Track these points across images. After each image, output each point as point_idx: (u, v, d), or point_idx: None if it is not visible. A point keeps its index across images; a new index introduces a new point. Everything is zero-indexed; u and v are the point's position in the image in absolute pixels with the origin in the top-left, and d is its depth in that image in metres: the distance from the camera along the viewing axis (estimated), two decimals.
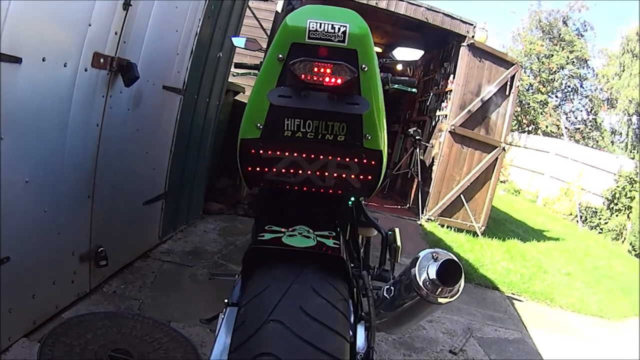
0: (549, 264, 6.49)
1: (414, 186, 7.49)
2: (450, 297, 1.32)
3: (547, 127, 20.69)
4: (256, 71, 3.05)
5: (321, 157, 1.39)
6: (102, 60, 2.32)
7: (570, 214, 13.18)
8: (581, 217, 12.36)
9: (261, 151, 1.39)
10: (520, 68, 7.24)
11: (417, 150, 7.40)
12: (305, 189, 1.50)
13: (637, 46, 23.73)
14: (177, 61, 3.24)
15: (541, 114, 20.96)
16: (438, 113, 7.61)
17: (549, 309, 4.84)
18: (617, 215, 11.82)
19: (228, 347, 1.12)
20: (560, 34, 22.88)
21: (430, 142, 7.53)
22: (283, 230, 1.36)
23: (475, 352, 3.20)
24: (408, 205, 7.74)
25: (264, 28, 5.02)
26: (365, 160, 1.40)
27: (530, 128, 18.97)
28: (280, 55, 1.25)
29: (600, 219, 12.16)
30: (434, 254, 1.34)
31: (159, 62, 3.00)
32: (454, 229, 6.89)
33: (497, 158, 7.07)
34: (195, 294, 3.09)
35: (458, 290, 1.33)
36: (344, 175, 1.44)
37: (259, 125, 1.33)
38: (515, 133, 18.26)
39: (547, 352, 3.60)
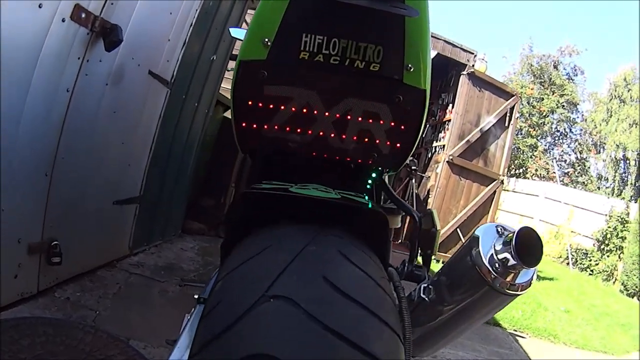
0: (547, 302, 6.35)
1: (408, 219, 7.14)
2: (525, 288, 0.98)
3: (536, 170, 20.73)
4: None
5: (346, 105, 1.05)
6: (83, 16, 1.99)
7: (560, 257, 13.16)
8: (572, 258, 12.36)
9: (265, 90, 1.04)
10: (519, 99, 7.20)
11: (413, 181, 7.15)
12: (314, 154, 1.14)
13: (624, 92, 24.51)
14: (167, 48, 2.92)
15: (531, 157, 20.97)
16: (434, 144, 7.44)
17: (553, 345, 4.67)
18: (607, 256, 11.88)
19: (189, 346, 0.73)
20: (551, 78, 23.25)
21: (426, 173, 7.29)
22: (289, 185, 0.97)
23: None
24: (400, 239, 7.37)
25: None
26: (401, 113, 1.05)
27: (519, 172, 18.90)
28: None
29: (590, 260, 12.19)
30: (498, 228, 1.00)
31: (148, 42, 2.68)
32: None
33: (495, 191, 6.90)
34: (163, 311, 2.65)
35: (535, 277, 0.99)
36: (373, 140, 1.08)
37: (266, 40, 1.00)
38: (504, 177, 18.16)
39: None
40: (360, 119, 1.07)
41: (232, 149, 1.28)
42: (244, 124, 1.09)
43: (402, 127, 1.09)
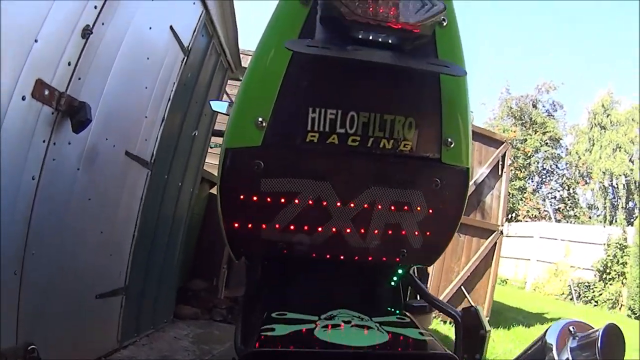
0: None
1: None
2: None
3: (528, 211, 20.56)
4: None
5: (366, 188, 0.83)
6: (46, 93, 1.79)
7: (563, 294, 13.11)
8: (575, 293, 12.38)
9: (261, 182, 0.82)
10: (510, 146, 7.07)
11: None
12: (328, 256, 0.91)
13: (604, 118, 24.80)
14: (144, 126, 2.73)
15: (521, 200, 20.83)
16: None
17: None
18: (610, 285, 11.88)
19: None
20: (531, 118, 23.42)
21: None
22: (310, 319, 0.76)
23: None
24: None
25: None
26: (438, 196, 0.85)
27: (511, 216, 18.69)
28: None
29: (594, 291, 12.18)
30: (570, 328, 0.86)
31: (123, 120, 2.48)
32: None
33: (495, 243, 6.66)
34: None
35: None
36: (399, 233, 0.88)
37: (260, 121, 0.78)
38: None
39: None
40: (386, 210, 0.85)
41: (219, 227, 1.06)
42: (235, 225, 0.88)
43: (440, 215, 0.89)
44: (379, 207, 0.85)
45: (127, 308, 2.85)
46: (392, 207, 0.85)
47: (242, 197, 0.85)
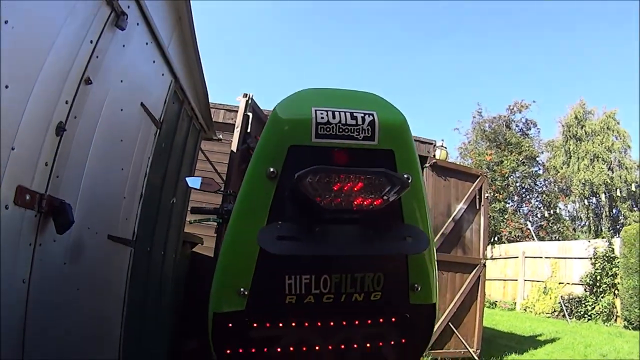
0: None
1: None
2: None
3: (510, 232, 20.50)
4: (215, 217, 2.60)
5: (343, 325, 0.93)
6: (28, 197, 1.79)
7: (554, 311, 12.95)
8: (567, 309, 12.13)
9: (248, 327, 0.93)
10: (486, 178, 7.16)
11: None
12: None
13: (578, 130, 25.18)
14: (124, 206, 2.73)
15: (502, 221, 20.79)
16: None
17: None
18: (602, 297, 11.68)
19: None
20: (506, 139, 23.52)
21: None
22: None
23: None
24: None
25: (219, 172, 4.67)
26: (410, 322, 0.95)
27: (494, 238, 18.72)
28: (272, 169, 0.81)
29: (586, 306, 11.94)
30: None
31: (103, 205, 2.49)
32: None
33: (479, 276, 6.68)
34: None
35: None
36: (376, 344, 0.97)
37: (242, 290, 0.87)
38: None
39: None
40: (361, 345, 0.95)
41: (205, 283, 1.11)
42: (228, 352, 0.97)
43: (414, 340, 0.98)
44: (355, 342, 0.94)
45: None
46: (367, 341, 0.94)
47: (233, 350, 0.93)
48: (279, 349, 0.92)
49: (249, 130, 4.73)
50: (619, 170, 24.95)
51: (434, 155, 6.79)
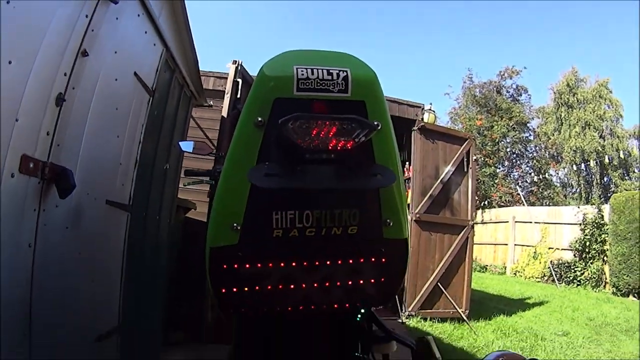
0: (543, 330, 6.30)
1: None
2: None
3: (500, 197, 20.74)
4: (208, 178, 2.70)
5: (326, 262, 1.04)
6: (32, 166, 1.88)
7: (544, 276, 13.13)
8: (556, 274, 12.33)
9: (241, 265, 1.02)
10: (473, 141, 7.27)
11: None
12: (301, 307, 1.12)
13: (570, 97, 25.25)
14: (120, 172, 2.83)
15: (493, 186, 21.01)
16: None
17: None
18: (591, 263, 11.81)
19: None
20: (496, 104, 23.66)
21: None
22: None
23: None
24: None
25: (210, 138, 4.75)
26: (384, 257, 1.07)
27: (484, 203, 18.97)
28: (260, 118, 0.92)
29: (575, 271, 12.10)
30: (500, 359, 1.07)
31: (100, 172, 2.58)
32: (438, 320, 6.45)
33: (467, 237, 6.85)
34: None
35: None
36: (358, 282, 1.10)
37: (235, 226, 0.97)
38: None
39: None
40: (343, 275, 1.07)
41: (202, 248, 1.25)
42: (223, 290, 1.07)
43: (386, 275, 1.11)
44: (337, 274, 1.06)
45: (123, 345, 2.94)
46: (348, 272, 1.06)
47: (226, 277, 1.03)
48: (269, 287, 1.03)
49: (238, 96, 4.80)
50: (610, 138, 25.10)
51: (422, 119, 6.84)
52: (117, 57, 2.52)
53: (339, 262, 1.05)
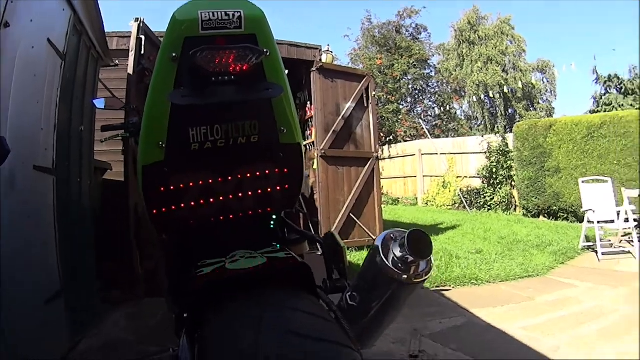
0: (457, 250, 6.69)
1: (302, 221, 7.40)
2: (427, 274, 1.23)
3: (405, 132, 21.41)
4: (123, 132, 2.81)
5: (237, 175, 1.27)
6: None
7: (455, 203, 13.73)
8: (466, 201, 12.90)
9: (169, 178, 1.22)
10: (372, 79, 7.58)
11: None
12: (222, 218, 1.33)
13: (471, 34, 26.26)
14: (42, 137, 2.89)
15: (397, 122, 21.60)
16: (304, 143, 7.69)
17: (477, 288, 4.95)
18: (500, 189, 12.41)
19: None
20: (396, 43, 24.12)
21: (305, 172, 7.55)
22: (221, 260, 1.19)
23: (434, 349, 3.19)
24: None
25: (119, 98, 4.72)
26: (284, 162, 1.31)
27: (390, 138, 19.66)
28: (174, 54, 1.13)
29: (485, 197, 12.68)
30: (391, 235, 1.25)
31: (26, 138, 2.64)
32: (355, 249, 6.78)
33: (373, 169, 7.25)
34: None
35: (432, 264, 1.25)
36: (266, 190, 1.32)
37: (161, 143, 1.18)
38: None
39: (500, 323, 3.67)
40: (252, 179, 1.30)
41: (121, 207, 1.40)
42: (154, 211, 1.26)
43: (288, 175, 1.34)
44: (247, 177, 1.29)
45: (68, 307, 3.08)
46: (257, 176, 1.30)
47: (158, 194, 1.23)
48: (192, 203, 1.24)
49: (142, 52, 4.81)
50: (513, 72, 26.36)
51: (321, 60, 7.07)
52: (32, 25, 2.55)
53: (248, 174, 1.28)
